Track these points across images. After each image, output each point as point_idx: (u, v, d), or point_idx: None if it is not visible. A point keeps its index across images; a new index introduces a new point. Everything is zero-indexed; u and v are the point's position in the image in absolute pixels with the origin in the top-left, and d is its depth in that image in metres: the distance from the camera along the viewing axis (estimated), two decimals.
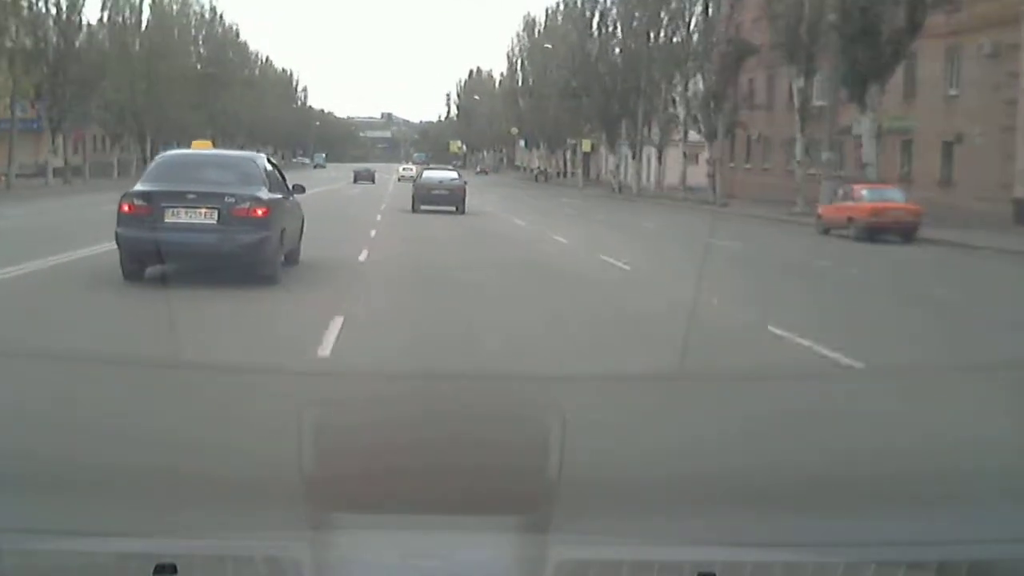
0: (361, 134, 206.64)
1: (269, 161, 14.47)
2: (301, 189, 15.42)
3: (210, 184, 12.52)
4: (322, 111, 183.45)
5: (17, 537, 3.50)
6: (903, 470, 5.27)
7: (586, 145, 75.50)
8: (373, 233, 22.39)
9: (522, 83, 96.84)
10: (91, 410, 6.00)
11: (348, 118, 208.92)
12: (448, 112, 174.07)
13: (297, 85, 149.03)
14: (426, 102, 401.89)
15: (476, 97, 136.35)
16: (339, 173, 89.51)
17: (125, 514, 4.22)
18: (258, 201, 12.39)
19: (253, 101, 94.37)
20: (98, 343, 8.63)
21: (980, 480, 5.05)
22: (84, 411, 5.98)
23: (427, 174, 36.69)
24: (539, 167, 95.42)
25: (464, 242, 21.47)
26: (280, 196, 13.45)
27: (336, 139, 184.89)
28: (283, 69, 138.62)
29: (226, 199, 12.22)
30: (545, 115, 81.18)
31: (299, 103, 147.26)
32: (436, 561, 3.01)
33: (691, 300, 10.01)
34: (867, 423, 6.26)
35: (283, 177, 14.54)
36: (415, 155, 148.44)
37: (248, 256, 12.26)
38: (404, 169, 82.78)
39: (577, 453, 4.55)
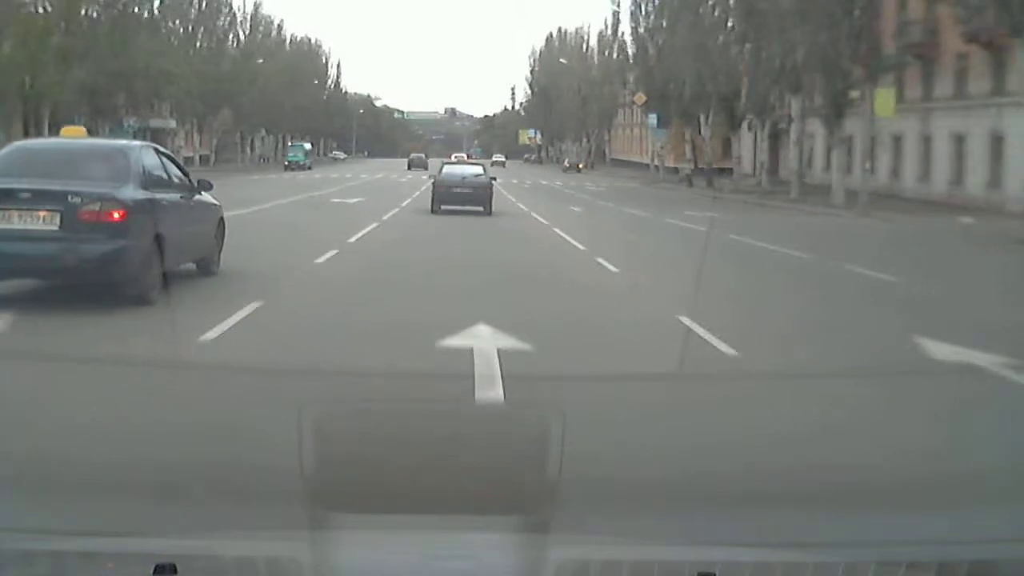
0: (409, 120, 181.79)
1: (160, 152, 11.91)
2: (208, 185, 12.76)
3: (55, 180, 9.92)
4: (368, 97, 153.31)
5: (17, 537, 3.50)
6: (903, 470, 5.27)
7: (885, 105, 33.87)
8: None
9: (653, 18, 61.33)
10: (90, 410, 5.99)
11: (410, 113, 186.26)
12: (513, 104, 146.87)
13: (328, 62, 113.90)
14: (491, 98, 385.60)
15: (563, 61, 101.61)
16: (346, 175, 63.15)
17: (125, 514, 4.22)
18: (113, 202, 9.80)
19: (237, 71, 68.50)
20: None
21: (982, 481, 5.05)
22: (83, 411, 5.98)
23: (448, 169, 30.79)
24: (690, 160, 58.78)
25: None
26: (161, 195, 10.89)
27: (386, 131, 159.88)
28: (306, 38, 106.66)
29: (70, 199, 9.66)
30: (723, 63, 47.12)
31: (330, 85, 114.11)
32: (436, 561, 3.01)
33: None
34: (870, 425, 6.25)
35: (184, 172, 12.23)
36: (471, 149, 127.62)
37: (100, 271, 9.73)
38: (456, 158, 60.40)
39: (577, 453, 4.55)
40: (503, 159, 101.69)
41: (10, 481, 4.66)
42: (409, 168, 77.35)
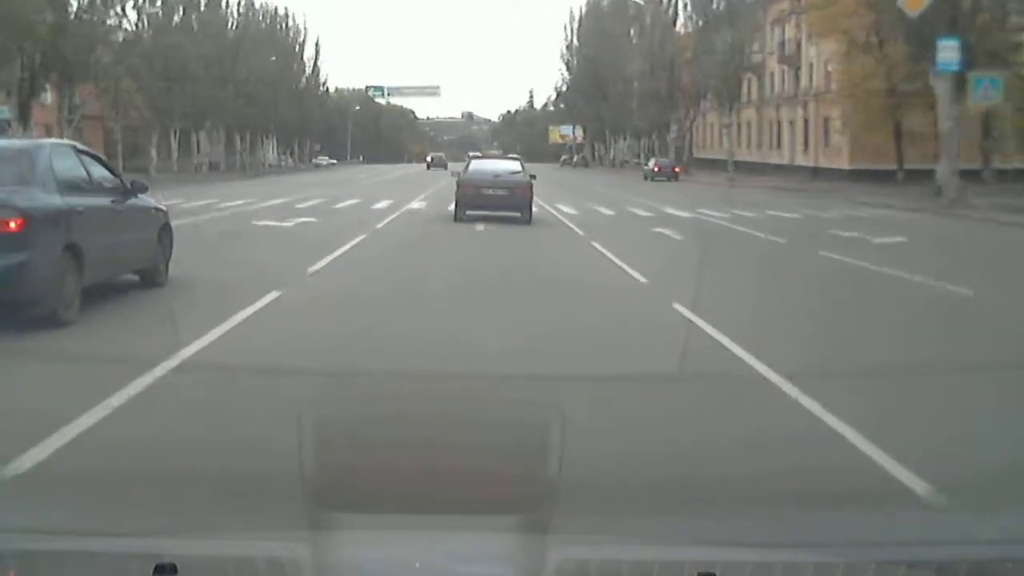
0: (420, 121, 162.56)
1: (81, 151, 10.53)
2: (143, 187, 11.52)
3: None
4: (366, 91, 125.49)
5: (17, 537, 3.50)
6: (903, 470, 5.27)
7: None
8: None
9: None
10: (91, 410, 5.98)
11: (428, 119, 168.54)
12: (532, 103, 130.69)
13: (304, 41, 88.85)
14: (509, 102, 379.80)
15: (638, 1, 72.29)
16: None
17: (125, 514, 4.22)
18: (8, 209, 8.50)
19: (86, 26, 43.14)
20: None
21: (982, 481, 5.04)
22: (84, 411, 5.97)
23: (476, 166, 24.89)
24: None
25: None
26: (79, 200, 9.61)
27: (390, 133, 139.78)
28: (264, 3, 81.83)
29: None
30: None
31: (304, 68, 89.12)
32: (436, 561, 3.01)
33: None
34: (868, 424, 6.24)
35: (114, 174, 11.04)
36: (489, 152, 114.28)
37: None
38: (472, 156, 58.80)
39: (577, 453, 4.55)
40: (516, 159, 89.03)
41: (10, 481, 4.66)
42: (429, 168, 77.49)
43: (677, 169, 58.71)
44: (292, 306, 10.23)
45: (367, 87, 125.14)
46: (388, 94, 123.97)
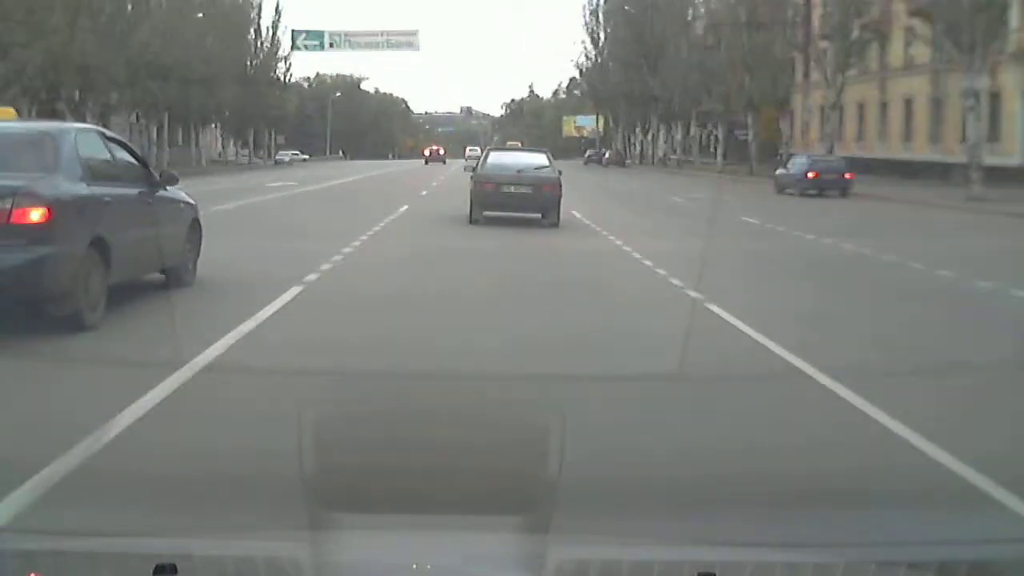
0: (415, 113, 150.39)
1: (108, 137, 9.78)
2: (173, 178, 10.77)
3: None
4: (352, 78, 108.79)
5: (17, 537, 3.50)
6: (903, 470, 5.27)
7: None
8: None
9: None
10: (91, 410, 5.98)
11: (425, 113, 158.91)
12: (532, 94, 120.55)
13: (260, 7, 71.64)
14: (508, 98, 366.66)
15: None
16: None
17: (125, 514, 4.22)
18: (31, 198, 7.73)
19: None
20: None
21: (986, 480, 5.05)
22: (83, 410, 5.97)
23: (495, 159, 21.19)
24: None
25: None
26: (106, 190, 8.83)
27: (378, 125, 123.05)
28: None
29: None
30: None
31: (260, 43, 71.17)
32: (436, 561, 3.01)
33: None
34: (869, 423, 6.25)
35: (142, 163, 10.27)
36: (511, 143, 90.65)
37: (16, 287, 7.66)
38: (470, 151, 55.68)
39: (577, 453, 4.55)
40: (542, 152, 65.10)
41: (10, 481, 4.66)
42: (427, 163, 78.47)
43: (848, 175, 34.81)
44: None
45: (293, 33, 74.43)
46: (330, 45, 73.48)
